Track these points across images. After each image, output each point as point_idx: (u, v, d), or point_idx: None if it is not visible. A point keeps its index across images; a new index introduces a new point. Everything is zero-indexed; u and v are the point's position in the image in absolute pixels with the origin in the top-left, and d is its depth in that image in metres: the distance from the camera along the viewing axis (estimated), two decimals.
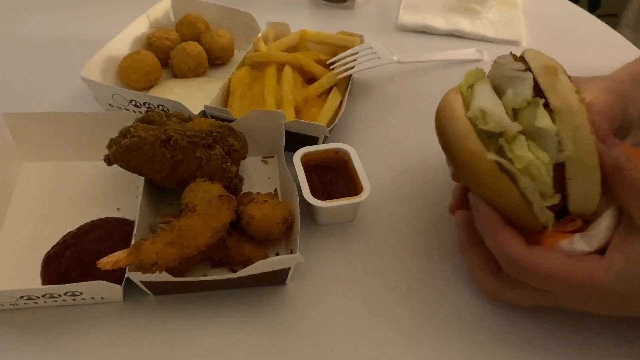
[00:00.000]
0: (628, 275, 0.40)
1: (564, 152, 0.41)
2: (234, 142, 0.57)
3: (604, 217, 0.44)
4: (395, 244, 0.57)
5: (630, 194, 0.41)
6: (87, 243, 0.51)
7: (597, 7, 1.78)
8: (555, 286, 0.43)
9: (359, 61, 0.72)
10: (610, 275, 0.41)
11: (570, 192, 0.42)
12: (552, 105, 0.41)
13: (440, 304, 0.51)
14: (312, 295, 0.52)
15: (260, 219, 0.51)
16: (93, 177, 0.61)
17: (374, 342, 0.49)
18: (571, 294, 0.43)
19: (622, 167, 0.41)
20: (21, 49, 0.84)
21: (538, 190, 0.42)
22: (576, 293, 0.43)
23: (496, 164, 0.41)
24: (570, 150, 0.40)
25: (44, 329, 0.48)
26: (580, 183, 0.42)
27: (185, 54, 0.74)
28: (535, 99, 0.42)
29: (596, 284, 0.41)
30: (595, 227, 0.44)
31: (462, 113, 0.44)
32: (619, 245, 0.42)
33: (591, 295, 0.42)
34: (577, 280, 0.41)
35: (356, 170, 0.57)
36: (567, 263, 0.42)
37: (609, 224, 0.44)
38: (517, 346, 0.48)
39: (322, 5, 0.97)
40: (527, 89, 0.42)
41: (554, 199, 0.42)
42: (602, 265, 0.41)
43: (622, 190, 0.42)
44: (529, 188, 0.42)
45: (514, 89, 0.43)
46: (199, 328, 0.49)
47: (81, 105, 0.71)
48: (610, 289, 0.41)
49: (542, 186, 0.42)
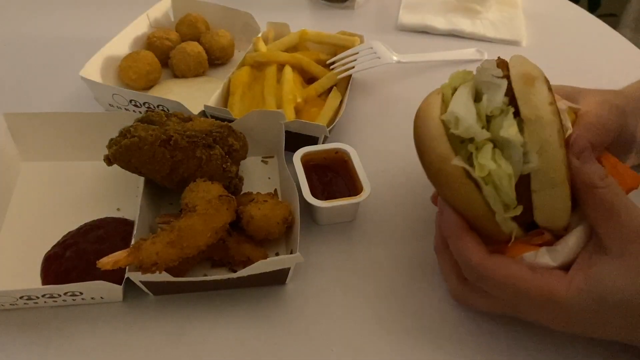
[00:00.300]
0: (586, 297, 0.40)
1: (528, 165, 0.40)
2: (234, 142, 0.57)
3: (573, 234, 0.43)
4: (395, 244, 0.57)
5: (599, 214, 0.40)
6: (87, 243, 0.51)
7: (597, 7, 1.78)
8: (512, 295, 0.42)
9: (359, 61, 0.72)
10: (569, 293, 0.40)
11: (536, 205, 0.42)
12: (522, 115, 0.40)
13: (440, 304, 0.51)
14: (312, 295, 0.52)
15: (260, 219, 0.51)
16: (93, 177, 0.61)
17: (374, 342, 0.49)
18: (528, 306, 0.43)
19: (594, 185, 0.40)
20: (21, 49, 0.84)
21: (501, 200, 0.41)
22: (533, 305, 0.42)
23: (462, 170, 0.41)
24: (534, 162, 0.40)
25: (44, 329, 0.48)
26: (545, 197, 0.41)
27: (185, 54, 0.74)
28: (507, 108, 0.41)
29: (554, 299, 0.40)
30: (562, 242, 0.43)
31: (437, 115, 0.43)
32: (583, 265, 0.41)
33: (548, 310, 0.42)
34: (535, 292, 0.41)
35: (356, 170, 0.57)
36: (526, 274, 0.42)
37: (576, 241, 0.43)
38: (520, 346, 0.48)
39: (322, 5, 0.97)
40: (500, 96, 0.41)
41: (517, 210, 0.41)
42: (562, 281, 0.41)
43: (591, 208, 0.41)
44: (492, 197, 0.41)
45: (489, 95, 0.42)
46: (199, 328, 0.49)
47: (81, 105, 0.71)
48: (568, 307, 0.40)
49: (505, 197, 0.41)
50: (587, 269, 0.41)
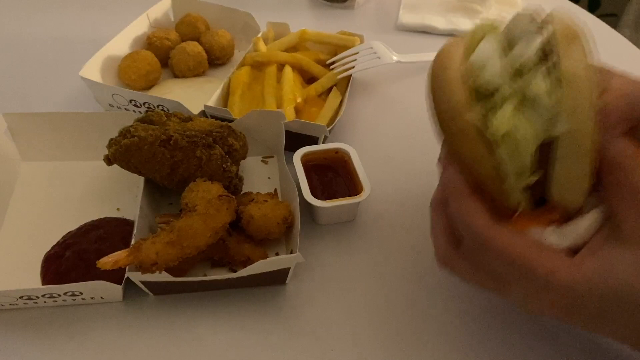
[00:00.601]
0: (593, 286, 0.36)
1: (556, 128, 0.35)
2: (234, 142, 0.57)
3: (586, 217, 0.39)
4: (395, 244, 0.57)
5: (622, 198, 0.36)
6: (87, 243, 0.51)
7: (597, 7, 1.78)
8: (511, 270, 0.38)
9: (359, 61, 0.72)
10: (573, 276, 0.36)
11: (555, 175, 0.37)
12: (560, 71, 0.35)
13: (440, 304, 0.51)
14: (312, 295, 0.52)
15: (260, 218, 0.51)
16: (93, 177, 0.61)
17: (374, 342, 0.49)
18: (524, 285, 0.38)
19: (621, 166, 0.36)
20: (21, 49, 0.84)
21: (514, 166, 0.37)
22: (530, 285, 0.38)
23: (477, 126, 0.36)
24: (564, 126, 0.35)
25: (44, 329, 0.48)
26: (567, 167, 0.36)
27: (185, 53, 0.74)
28: (540, 63, 0.36)
29: (555, 280, 0.36)
30: (572, 224, 0.39)
31: (457, 63, 0.39)
32: (594, 250, 0.37)
33: (544, 292, 0.38)
34: (536, 269, 0.37)
35: (356, 170, 0.57)
36: (531, 248, 0.37)
37: (589, 226, 0.39)
38: (520, 346, 0.48)
39: (322, 5, 0.97)
40: (534, 48, 0.37)
41: (530, 179, 0.37)
42: (568, 263, 0.37)
43: (614, 189, 0.37)
44: (505, 162, 0.37)
45: (521, 46, 0.37)
46: (199, 328, 0.49)
47: (81, 105, 0.71)
48: (568, 290, 0.36)
49: (520, 162, 0.37)
50: (599, 256, 0.36)
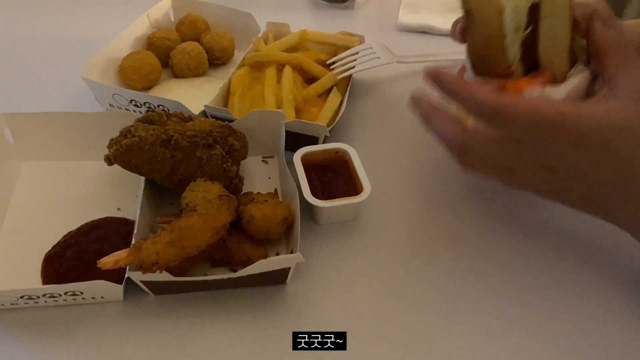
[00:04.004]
0: (599, 121, 0.41)
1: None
2: (234, 142, 0.57)
3: (575, 76, 0.49)
4: (395, 244, 0.57)
5: (619, 61, 0.45)
6: (88, 243, 0.52)
7: None
8: (525, 126, 0.42)
9: (359, 61, 0.72)
10: (582, 113, 0.41)
11: (542, 32, 0.49)
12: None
13: (439, 304, 0.51)
14: (312, 295, 0.52)
15: (261, 218, 0.51)
16: (93, 177, 0.61)
17: (374, 342, 0.49)
18: (537, 140, 0.43)
19: (617, 41, 0.46)
20: (21, 49, 0.84)
21: (514, 21, 0.49)
22: (544, 136, 0.42)
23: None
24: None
25: (44, 329, 0.48)
26: (551, 24, 0.49)
27: (186, 54, 0.74)
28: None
29: (566, 121, 0.41)
30: (564, 83, 0.49)
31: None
32: (599, 99, 0.44)
33: (555, 140, 0.42)
34: (548, 115, 0.41)
35: (356, 170, 0.57)
36: (539, 100, 0.44)
37: (579, 81, 0.49)
38: (518, 345, 0.48)
39: (322, 5, 0.97)
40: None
41: (525, 32, 0.49)
42: (576, 105, 0.42)
43: (612, 56, 0.46)
44: (508, 18, 0.49)
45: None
46: (199, 328, 0.49)
47: (81, 105, 0.71)
48: (578, 130, 0.41)
49: (519, 18, 0.49)
50: (602, 101, 0.43)
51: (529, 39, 0.50)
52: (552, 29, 0.50)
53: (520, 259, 0.55)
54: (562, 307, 0.51)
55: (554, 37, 0.50)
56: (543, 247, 0.56)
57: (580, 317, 0.50)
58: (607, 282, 0.53)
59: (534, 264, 0.55)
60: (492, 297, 0.52)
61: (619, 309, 0.50)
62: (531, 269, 0.54)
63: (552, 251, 0.55)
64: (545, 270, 0.54)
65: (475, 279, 0.53)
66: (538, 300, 0.51)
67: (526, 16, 0.49)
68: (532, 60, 0.51)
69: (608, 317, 0.50)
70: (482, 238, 0.57)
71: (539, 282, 0.53)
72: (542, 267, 0.54)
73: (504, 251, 0.56)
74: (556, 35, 0.50)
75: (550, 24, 0.49)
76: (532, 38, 0.50)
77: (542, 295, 0.52)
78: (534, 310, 0.51)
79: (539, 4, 0.48)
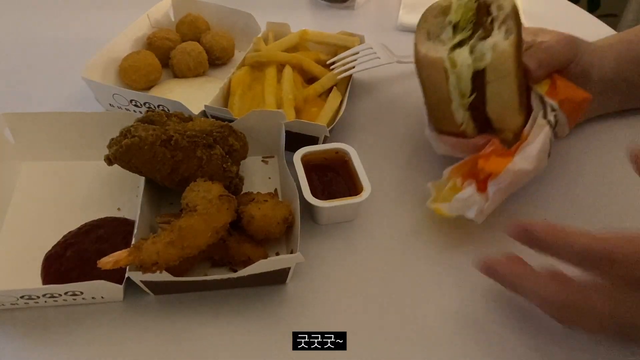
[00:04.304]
0: None
1: (485, 60, 0.51)
2: (234, 142, 0.57)
3: (538, 135, 0.52)
4: (395, 244, 0.57)
5: None
6: (88, 243, 0.52)
7: (597, 7, 1.78)
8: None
9: (359, 61, 0.72)
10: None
11: (489, 95, 0.52)
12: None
13: (439, 304, 0.51)
14: (312, 295, 0.52)
15: (261, 218, 0.51)
16: (93, 177, 0.61)
17: (374, 342, 0.49)
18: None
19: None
20: (21, 49, 0.84)
21: (459, 88, 0.52)
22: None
23: (441, 60, 0.52)
24: (489, 58, 0.50)
25: (44, 329, 0.48)
26: (495, 87, 0.51)
27: (186, 54, 0.74)
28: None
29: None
30: (532, 145, 0.52)
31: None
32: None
33: None
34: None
35: (356, 170, 0.57)
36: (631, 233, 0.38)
37: (542, 142, 0.52)
38: (517, 343, 0.48)
39: (322, 5, 0.97)
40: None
41: (470, 98, 0.52)
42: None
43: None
44: (453, 85, 0.52)
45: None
46: (199, 328, 0.49)
47: (81, 105, 0.71)
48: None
49: (463, 85, 0.52)
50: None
51: (478, 100, 0.53)
52: (498, 92, 0.52)
53: (524, 257, 0.55)
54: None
55: (500, 99, 0.52)
56: None
57: None
58: None
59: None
60: (492, 296, 0.52)
61: None
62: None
63: None
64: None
65: (477, 278, 0.53)
66: None
67: (470, 83, 0.52)
68: (484, 117, 0.54)
69: None
70: (482, 237, 0.57)
71: None
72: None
73: (505, 250, 0.56)
74: (502, 97, 0.52)
75: (494, 88, 0.51)
76: (482, 100, 0.52)
77: None
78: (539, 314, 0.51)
79: (485, 69, 0.51)
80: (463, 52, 0.52)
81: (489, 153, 0.53)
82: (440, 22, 0.56)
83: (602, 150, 0.67)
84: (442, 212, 0.54)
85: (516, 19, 0.52)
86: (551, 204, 0.60)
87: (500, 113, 0.53)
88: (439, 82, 0.53)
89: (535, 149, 0.52)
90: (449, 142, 0.57)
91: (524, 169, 0.51)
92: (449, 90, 0.53)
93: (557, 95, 0.55)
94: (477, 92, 0.52)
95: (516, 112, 0.53)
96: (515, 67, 0.51)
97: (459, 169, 0.55)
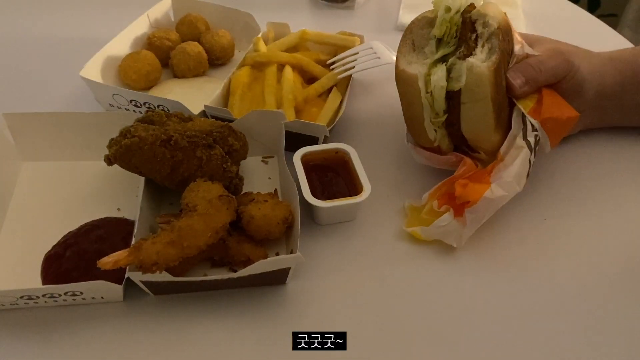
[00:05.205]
0: None
1: (460, 82, 0.51)
2: (234, 142, 0.57)
3: (516, 157, 0.52)
4: (395, 244, 0.57)
5: None
6: (88, 243, 0.51)
7: (597, 7, 1.78)
8: None
9: (359, 61, 0.72)
10: None
11: (463, 116, 0.52)
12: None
13: (439, 304, 0.51)
14: (312, 295, 0.52)
15: (260, 218, 0.51)
16: (93, 177, 0.61)
17: (374, 342, 0.49)
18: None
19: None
20: (21, 49, 0.84)
21: (433, 108, 0.53)
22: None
23: (416, 78, 0.53)
24: (463, 80, 0.50)
25: (44, 329, 0.48)
26: (470, 109, 0.52)
27: (186, 54, 0.74)
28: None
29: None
30: (510, 167, 0.52)
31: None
32: None
33: None
34: None
35: (356, 170, 0.57)
36: None
37: (520, 164, 0.52)
38: (518, 345, 0.48)
39: (322, 5, 0.97)
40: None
41: (443, 118, 0.53)
42: None
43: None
44: (426, 105, 0.53)
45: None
46: (199, 328, 0.49)
47: (81, 105, 0.71)
48: None
49: (437, 105, 0.53)
50: None
51: (454, 117, 0.53)
52: (472, 115, 0.52)
53: (525, 257, 0.55)
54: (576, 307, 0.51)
55: (474, 121, 0.52)
56: (545, 244, 0.56)
57: None
58: None
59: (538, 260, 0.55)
60: (492, 296, 0.52)
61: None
62: (536, 267, 0.54)
63: (564, 255, 0.56)
64: (556, 270, 0.54)
65: (477, 278, 0.53)
66: (547, 294, 0.51)
67: (444, 103, 0.52)
68: (460, 134, 0.54)
69: None
70: (482, 237, 0.56)
71: (547, 276, 0.53)
72: (546, 265, 0.54)
73: (505, 250, 0.56)
74: (476, 119, 0.52)
75: (469, 110, 0.52)
76: (457, 118, 0.53)
77: (546, 294, 0.52)
78: (539, 314, 0.51)
79: (461, 89, 0.51)
80: (439, 71, 0.52)
81: (465, 178, 0.53)
82: (426, 34, 0.55)
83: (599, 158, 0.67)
84: (419, 236, 0.55)
85: (503, 35, 0.51)
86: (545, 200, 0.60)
87: (475, 133, 0.53)
88: (414, 98, 0.53)
89: (512, 173, 0.52)
90: (424, 155, 0.59)
91: (500, 195, 0.51)
92: (422, 108, 0.53)
93: (540, 114, 0.54)
94: (452, 111, 0.53)
95: (491, 133, 0.53)
96: (492, 90, 0.50)
97: (435, 192, 0.56)
